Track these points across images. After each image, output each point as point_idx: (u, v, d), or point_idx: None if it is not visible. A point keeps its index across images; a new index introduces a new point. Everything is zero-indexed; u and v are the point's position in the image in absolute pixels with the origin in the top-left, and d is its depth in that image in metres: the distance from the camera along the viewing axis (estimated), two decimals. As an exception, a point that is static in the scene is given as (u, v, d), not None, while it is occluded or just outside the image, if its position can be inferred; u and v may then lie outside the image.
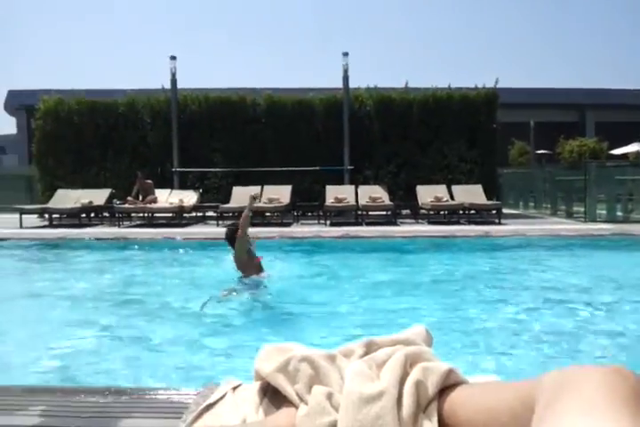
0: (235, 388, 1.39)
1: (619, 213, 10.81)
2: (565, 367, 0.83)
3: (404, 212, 11.78)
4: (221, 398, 1.37)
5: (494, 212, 10.63)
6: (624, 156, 20.87)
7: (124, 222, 10.71)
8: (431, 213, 10.77)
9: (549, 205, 12.67)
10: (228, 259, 5.45)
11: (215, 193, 11.94)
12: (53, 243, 8.41)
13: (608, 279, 5.75)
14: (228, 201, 10.85)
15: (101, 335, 3.78)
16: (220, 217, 10.38)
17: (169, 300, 4.88)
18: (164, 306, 4.65)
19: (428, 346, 1.29)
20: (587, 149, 21.47)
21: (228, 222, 10.33)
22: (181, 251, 7.92)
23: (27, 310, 4.70)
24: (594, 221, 10.38)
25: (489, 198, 10.99)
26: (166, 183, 11.82)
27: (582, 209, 11.15)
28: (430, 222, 10.31)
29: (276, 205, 10.34)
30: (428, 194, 10.73)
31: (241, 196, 10.82)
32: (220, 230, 9.07)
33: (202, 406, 1.35)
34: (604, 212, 10.76)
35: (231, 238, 5.24)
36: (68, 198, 11.04)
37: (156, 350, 3.48)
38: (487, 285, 5.52)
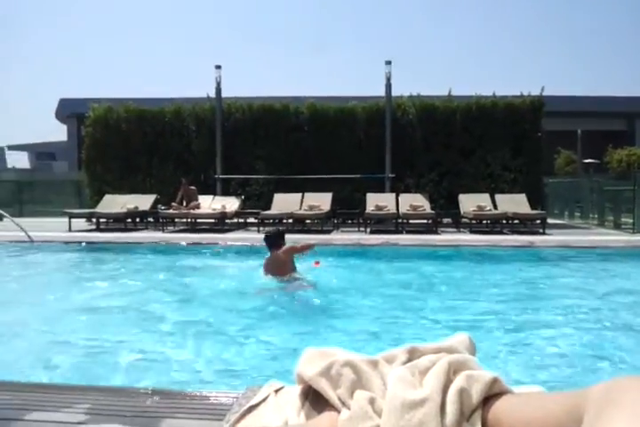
0: (277, 390, 1.40)
1: (669, 225, 10.41)
2: (615, 379, 0.81)
3: (445, 220, 11.63)
4: (264, 400, 1.38)
5: (539, 222, 10.38)
6: (677, 166, 20.13)
7: (168, 227, 10.94)
8: (473, 222, 10.60)
9: (596, 216, 12.30)
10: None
11: (257, 200, 12.08)
12: (101, 247, 8.66)
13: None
14: (269, 208, 10.95)
15: (146, 337, 3.87)
16: (261, 223, 10.48)
17: (207, 302, 4.96)
18: (194, 310, 4.74)
19: (472, 354, 1.28)
20: (636, 159, 20.82)
21: (269, 228, 10.45)
22: (223, 256, 8.03)
23: (67, 312, 4.83)
24: (643, 232, 10.03)
25: (533, 208, 10.75)
26: (209, 190, 12.02)
27: (631, 220, 10.79)
28: (472, 232, 10.15)
29: (317, 212, 10.37)
30: (470, 203, 10.58)
31: (282, 202, 10.91)
32: (261, 237, 9.18)
33: (244, 408, 1.36)
34: (654, 223, 10.38)
35: (275, 239, 5.64)
36: (115, 203, 11.35)
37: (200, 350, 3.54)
38: (532, 296, 5.41)
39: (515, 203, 10.62)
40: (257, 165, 12.34)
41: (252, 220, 11.34)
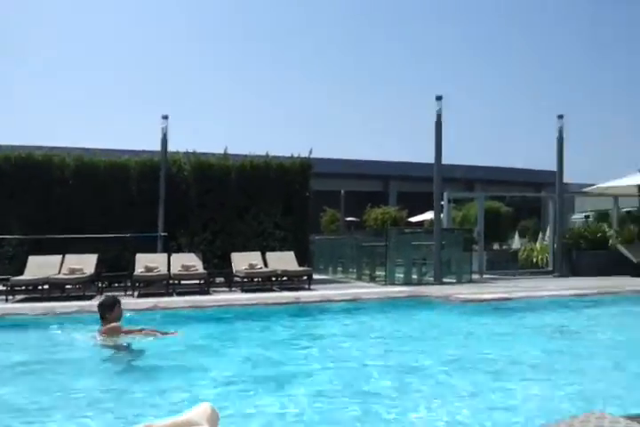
0: None
1: (414, 276, 11.89)
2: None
3: (219, 280, 11.66)
4: None
5: (305, 278, 11.00)
6: (420, 223, 23.23)
7: None
8: (245, 280, 10.82)
9: (355, 270, 13.49)
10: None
11: (8, 263, 10.66)
12: None
13: (393, 336, 6.72)
14: (21, 272, 9.75)
15: None
16: (12, 291, 9.23)
17: None
18: None
19: (215, 425, 1.30)
20: (389, 217, 23.43)
21: (20, 297, 9.25)
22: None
23: None
24: (393, 284, 11.31)
25: (301, 264, 11.38)
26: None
27: (383, 273, 12.07)
28: (244, 290, 10.32)
29: (78, 275, 9.51)
30: (242, 261, 10.82)
31: (37, 266, 9.77)
32: (8, 306, 8.07)
33: None
34: (401, 275, 11.76)
35: (107, 307, 6.04)
36: None
37: None
38: (292, 352, 5.79)
39: (284, 260, 11.16)
40: (10, 222, 11.04)
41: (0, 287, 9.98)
